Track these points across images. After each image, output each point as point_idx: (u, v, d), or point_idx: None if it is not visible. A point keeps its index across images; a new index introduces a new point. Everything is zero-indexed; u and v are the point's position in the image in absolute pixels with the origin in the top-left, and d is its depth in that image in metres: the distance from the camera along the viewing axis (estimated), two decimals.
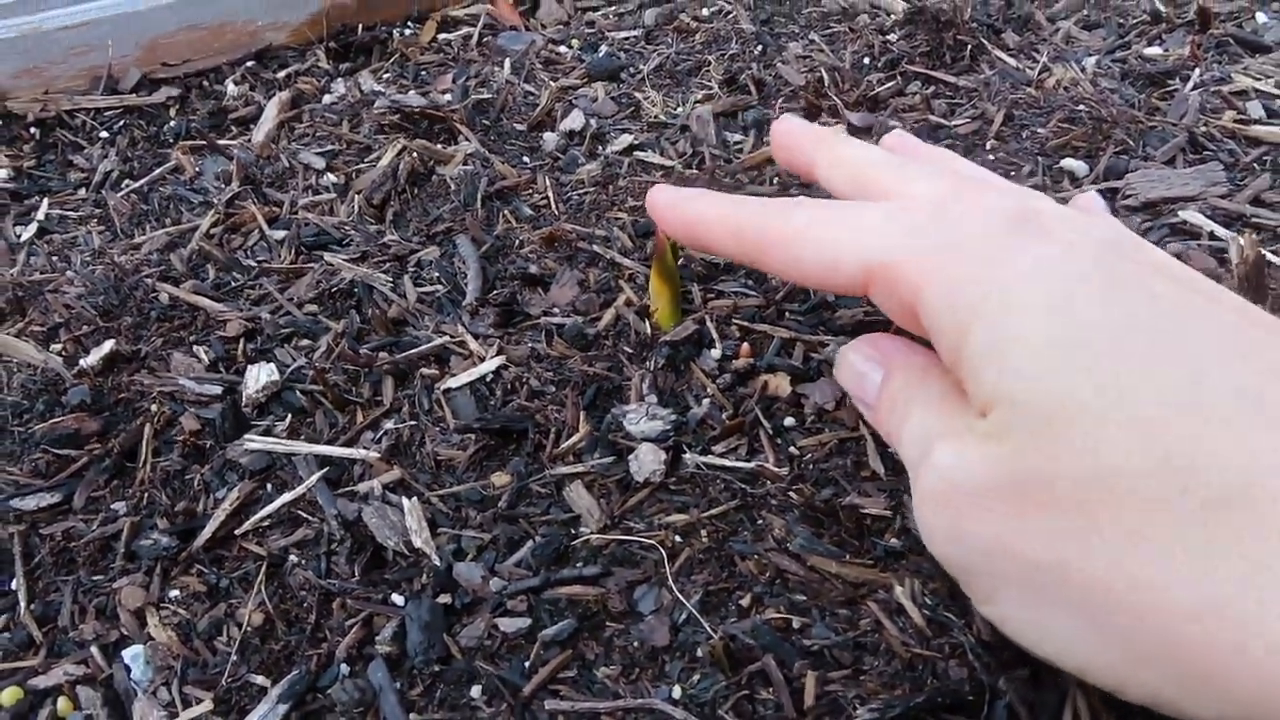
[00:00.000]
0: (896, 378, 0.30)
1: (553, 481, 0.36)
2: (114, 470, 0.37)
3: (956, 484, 0.25)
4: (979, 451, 0.24)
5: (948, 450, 0.25)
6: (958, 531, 0.25)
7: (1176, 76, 0.56)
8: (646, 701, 0.29)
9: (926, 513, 0.26)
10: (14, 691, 0.31)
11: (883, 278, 0.28)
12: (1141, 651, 0.22)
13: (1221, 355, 0.22)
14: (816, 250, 0.30)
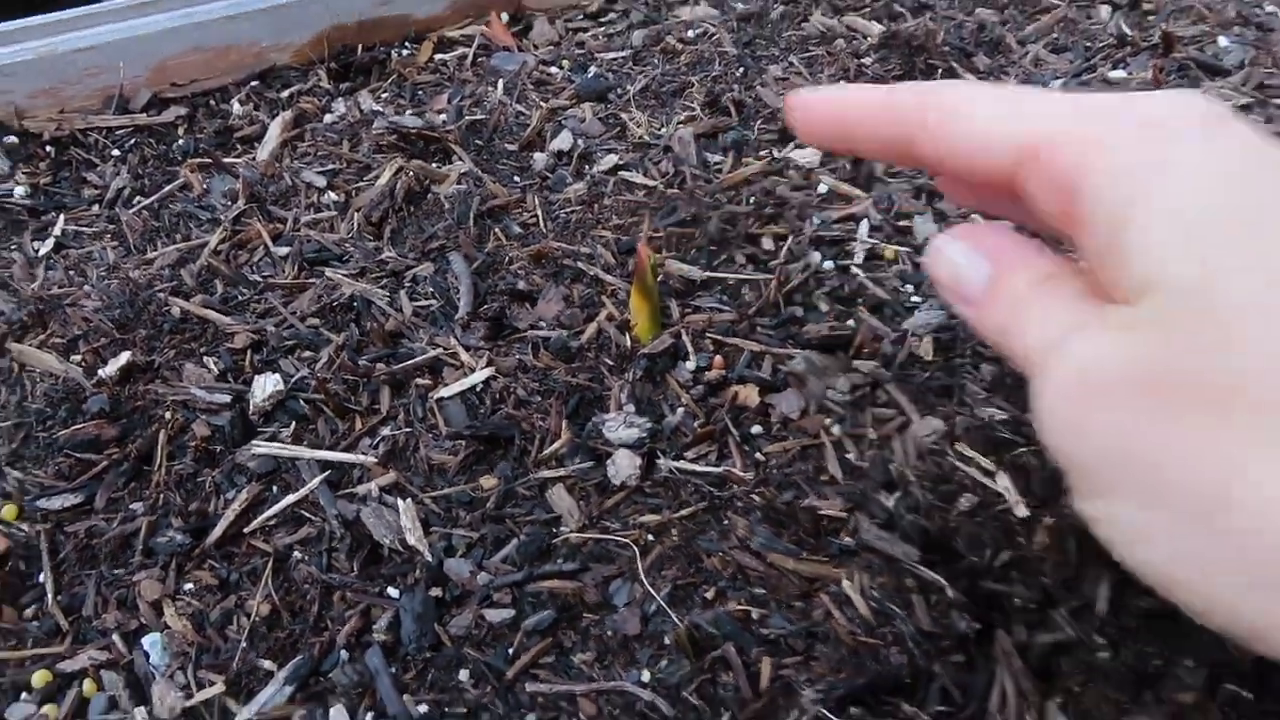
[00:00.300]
0: (1019, 273, 0.28)
1: (536, 484, 0.39)
2: (132, 473, 0.40)
3: (1091, 373, 0.24)
4: (1122, 340, 0.23)
5: (1086, 339, 0.24)
6: (1084, 425, 0.24)
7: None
8: (618, 684, 0.32)
9: (1052, 403, 0.25)
10: (43, 675, 0.34)
11: (1041, 156, 0.26)
12: (1260, 576, 0.21)
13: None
14: (970, 125, 0.27)
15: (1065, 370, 0.24)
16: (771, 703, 0.31)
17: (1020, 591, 0.33)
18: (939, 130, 0.28)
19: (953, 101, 0.28)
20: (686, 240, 0.49)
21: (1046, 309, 0.26)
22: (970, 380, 0.41)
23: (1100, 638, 0.31)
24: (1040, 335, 0.26)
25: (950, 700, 0.30)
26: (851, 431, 0.39)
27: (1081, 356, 0.24)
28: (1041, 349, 0.26)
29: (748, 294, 0.46)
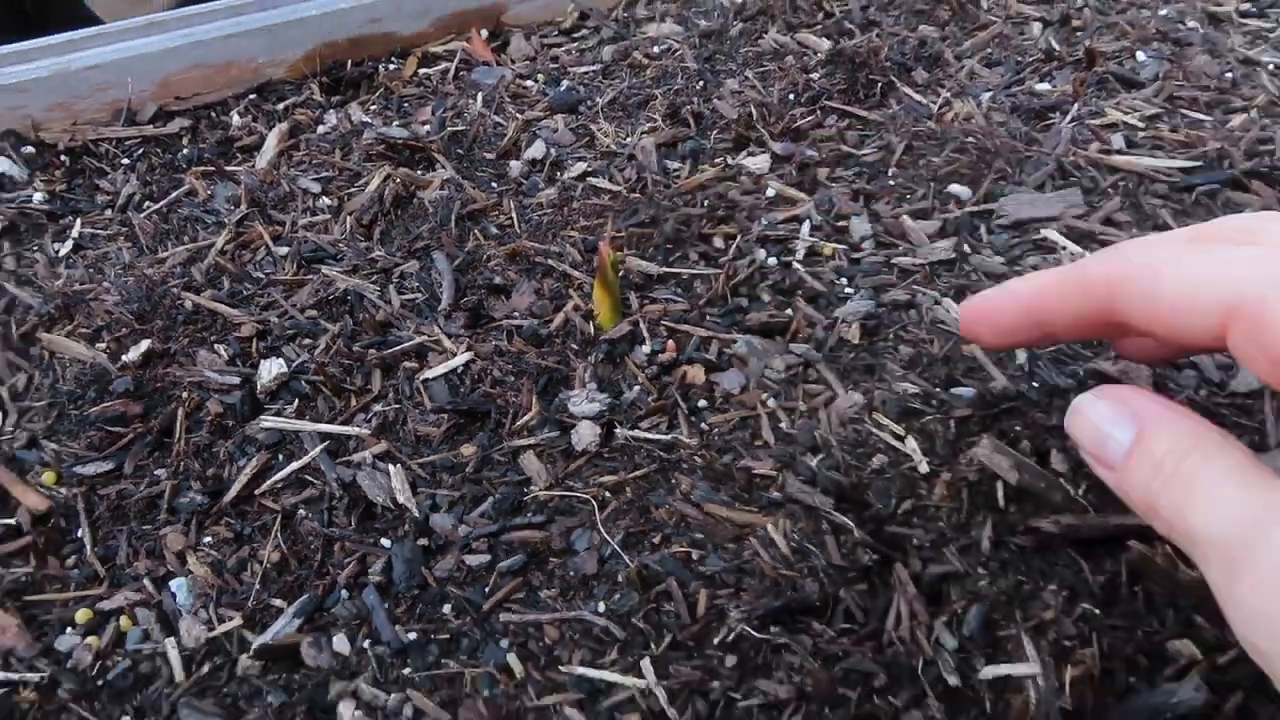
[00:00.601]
0: (1163, 438, 0.27)
1: (510, 452, 0.44)
2: (155, 444, 0.45)
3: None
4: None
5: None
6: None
7: (1058, 110, 0.65)
8: (578, 614, 0.38)
9: (1260, 603, 0.24)
10: (85, 612, 0.40)
11: (1250, 315, 0.25)
12: None
13: None
14: (1175, 285, 0.27)
15: (1272, 564, 0.23)
16: (706, 625, 0.37)
17: (919, 534, 0.39)
18: (1143, 294, 0.28)
19: (1152, 263, 0.28)
20: (646, 239, 0.55)
21: (1218, 488, 0.25)
22: (890, 360, 0.47)
23: (983, 570, 0.37)
24: (1223, 523, 0.25)
25: (854, 620, 0.36)
26: (784, 404, 0.45)
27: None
28: (1227, 538, 0.25)
29: (699, 287, 0.52)
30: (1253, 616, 0.24)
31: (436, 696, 0.36)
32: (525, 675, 0.37)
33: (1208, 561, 0.26)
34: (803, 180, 0.60)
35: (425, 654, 0.38)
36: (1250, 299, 0.25)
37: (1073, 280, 0.30)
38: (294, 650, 0.38)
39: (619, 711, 0.35)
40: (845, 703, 0.34)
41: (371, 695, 0.36)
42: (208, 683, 0.38)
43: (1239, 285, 0.26)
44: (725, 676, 0.36)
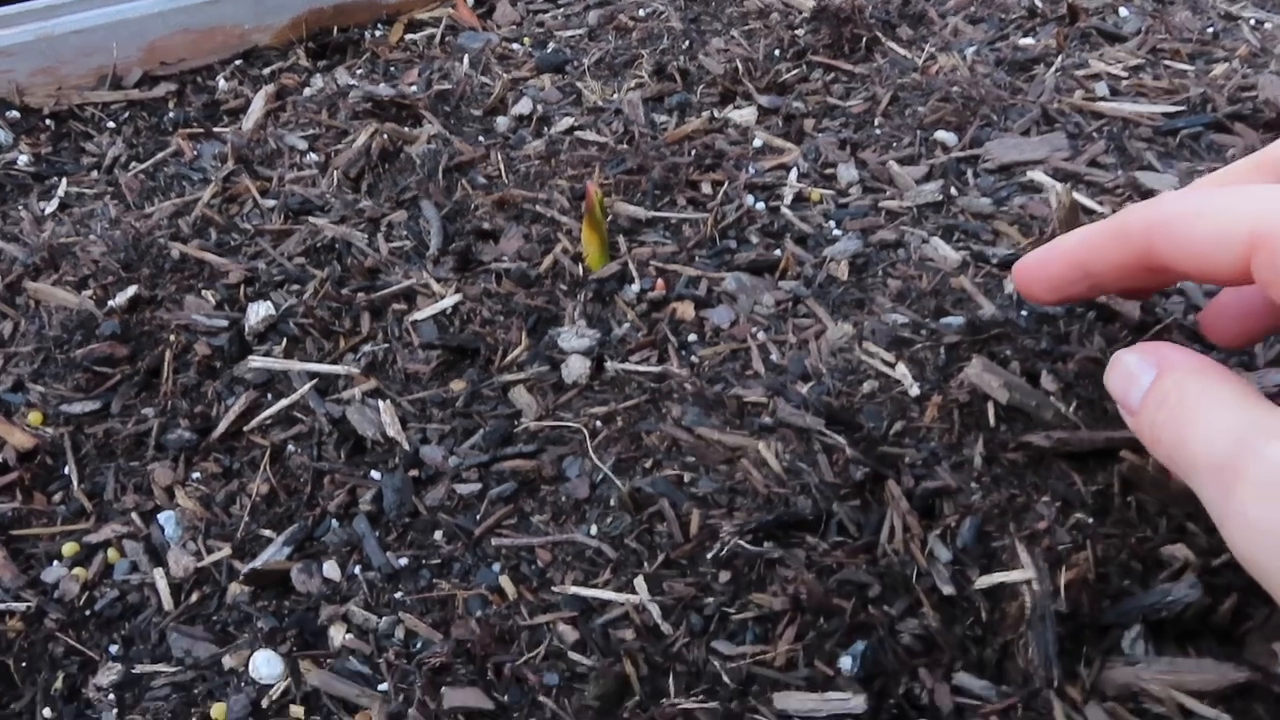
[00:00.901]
0: (1169, 376, 0.29)
1: (499, 386, 0.44)
2: (142, 385, 0.45)
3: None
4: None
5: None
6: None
7: (1041, 62, 0.65)
8: (570, 536, 0.38)
9: (1253, 510, 0.24)
10: (72, 546, 0.39)
11: (1267, 245, 0.26)
12: None
13: None
14: (1205, 223, 0.28)
15: (1261, 475, 0.24)
16: (699, 544, 0.37)
17: (910, 452, 0.39)
18: (1178, 236, 0.29)
19: (1183, 209, 0.29)
20: (634, 186, 0.55)
21: (1214, 413, 0.26)
22: (880, 294, 0.47)
23: (975, 485, 0.37)
24: (1216, 443, 0.26)
25: (847, 533, 0.36)
26: (774, 337, 0.45)
27: (1278, 459, 0.24)
28: (1221, 456, 0.25)
29: (688, 230, 0.52)
30: (1247, 529, 0.25)
31: (428, 618, 0.36)
32: (518, 596, 0.36)
33: (1204, 483, 0.26)
34: (789, 131, 0.60)
35: (416, 578, 0.37)
36: (1266, 228, 0.26)
37: (1113, 230, 0.32)
38: (284, 576, 0.38)
39: (613, 627, 0.35)
40: (840, 612, 0.34)
41: (363, 618, 0.36)
42: (197, 610, 0.37)
43: (1258, 217, 0.27)
44: (719, 591, 0.35)
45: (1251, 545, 0.25)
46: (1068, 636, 0.33)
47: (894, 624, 0.34)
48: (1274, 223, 0.26)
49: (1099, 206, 0.52)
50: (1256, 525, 0.24)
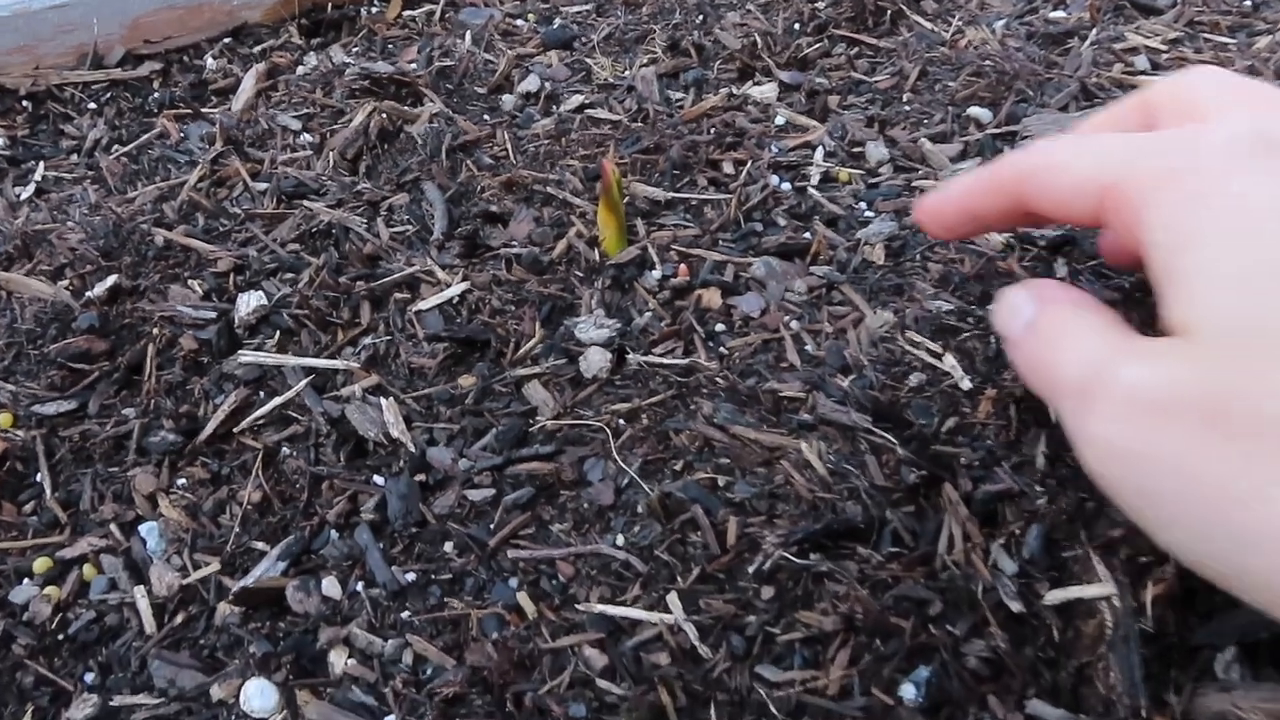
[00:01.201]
0: (1047, 309, 0.30)
1: (512, 381, 0.41)
2: (122, 382, 0.42)
3: (1145, 397, 0.24)
4: (1175, 365, 0.23)
5: (1135, 363, 0.24)
6: (1140, 449, 0.24)
7: (1075, 36, 0.62)
8: (595, 547, 0.34)
9: (1102, 429, 0.25)
10: (44, 561, 0.36)
11: (1112, 198, 0.27)
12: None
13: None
14: (1065, 177, 0.29)
15: (1113, 395, 0.25)
16: (738, 555, 0.33)
17: (966, 452, 0.35)
18: (1045, 186, 0.30)
19: (1047, 161, 0.30)
20: (651, 166, 0.51)
21: (1079, 339, 0.27)
22: (920, 279, 0.43)
23: (1040, 488, 0.34)
24: (1077, 366, 0.26)
25: (902, 543, 0.33)
26: (809, 326, 0.41)
27: (1130, 380, 0.24)
28: (1081, 379, 0.26)
29: (710, 212, 0.48)
30: (1099, 446, 0.25)
31: (439, 641, 0.33)
32: (538, 615, 0.33)
33: (1064, 407, 0.27)
34: (813, 108, 0.57)
35: (425, 595, 0.34)
36: (1110, 180, 0.28)
37: (990, 179, 0.33)
38: (278, 595, 0.34)
39: (645, 651, 0.32)
40: (898, 633, 0.31)
41: (366, 641, 0.33)
42: (182, 633, 0.34)
43: (1106, 170, 0.28)
44: (762, 609, 0.32)
45: (1101, 465, 0.26)
46: (1154, 659, 0.30)
47: (958, 645, 0.31)
48: (1120, 175, 0.27)
49: None
50: (1106, 445, 0.25)
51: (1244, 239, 0.23)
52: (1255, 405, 0.22)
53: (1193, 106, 0.30)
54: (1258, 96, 0.29)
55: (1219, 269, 0.23)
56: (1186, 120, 0.30)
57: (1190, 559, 0.25)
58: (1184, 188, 0.25)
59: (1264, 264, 0.23)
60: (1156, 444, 0.24)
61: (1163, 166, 0.26)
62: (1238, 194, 0.24)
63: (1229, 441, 0.22)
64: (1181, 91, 0.31)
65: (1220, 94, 0.29)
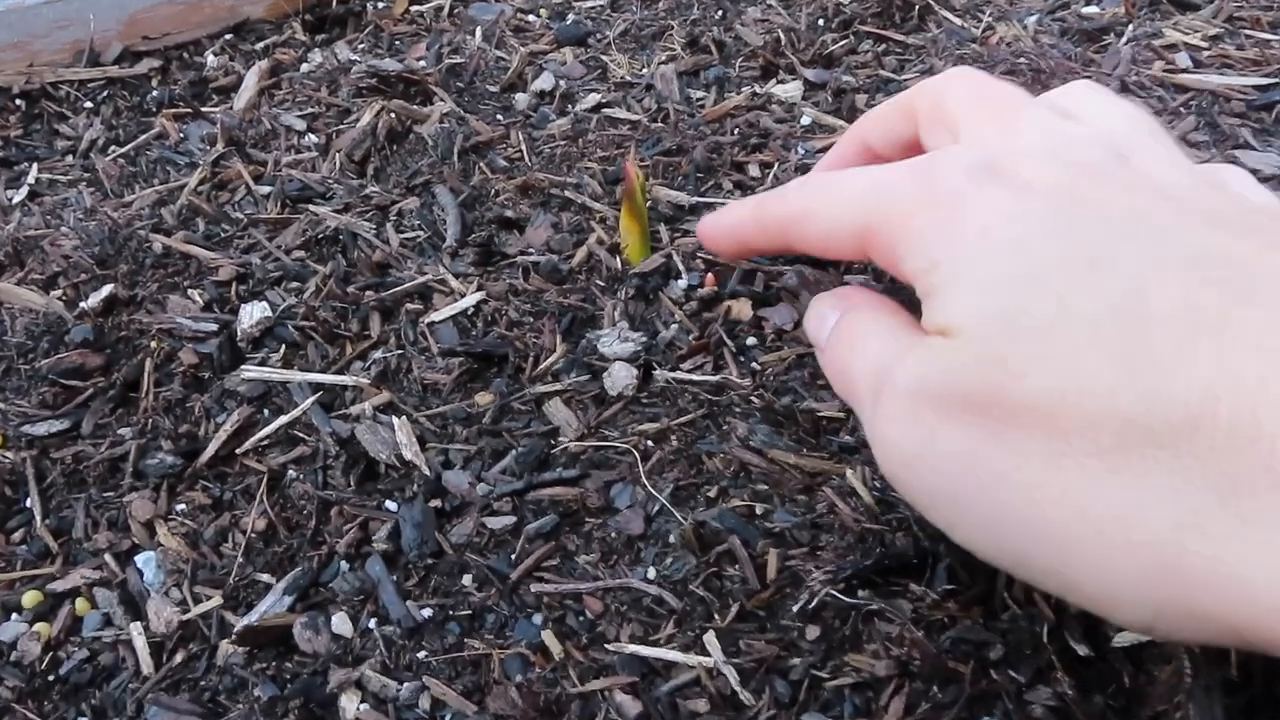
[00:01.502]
0: (847, 316, 0.31)
1: (532, 399, 0.38)
2: (118, 400, 0.39)
3: (923, 392, 0.25)
4: (945, 360, 0.25)
5: (912, 362, 0.26)
6: (923, 447, 0.25)
7: (1111, 32, 0.59)
8: (624, 581, 0.32)
9: (888, 430, 0.26)
10: (34, 595, 0.33)
11: (869, 240, 0.29)
12: (1120, 578, 0.22)
13: (1163, 269, 0.22)
14: (818, 225, 0.31)
15: (896, 393, 0.26)
16: (779, 591, 0.31)
17: None
18: (805, 234, 0.31)
19: (798, 209, 0.32)
20: (674, 169, 0.49)
21: (871, 343, 0.28)
22: None
23: None
24: (871, 368, 0.28)
25: (958, 580, 0.30)
26: None
27: (913, 377, 0.25)
28: (873, 381, 0.27)
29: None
30: (887, 446, 0.26)
31: (459, 684, 0.30)
32: (565, 656, 0.31)
33: (861, 412, 0.28)
34: (840, 107, 0.54)
35: (443, 633, 0.32)
36: (862, 224, 0.29)
37: (756, 220, 0.34)
38: (285, 633, 0.32)
39: (681, 696, 0.29)
40: (957, 679, 0.28)
41: (380, 685, 0.30)
42: (182, 674, 0.31)
43: (859, 213, 0.29)
44: (807, 651, 0.30)
45: (890, 465, 0.26)
46: (1238, 710, 0.27)
47: (1021, 692, 0.28)
48: (871, 217, 0.28)
49: None
50: (894, 445, 0.26)
51: (984, 254, 0.25)
52: (1016, 393, 0.23)
53: (946, 116, 0.31)
54: (1002, 106, 0.31)
55: (969, 279, 0.25)
56: (942, 130, 0.32)
57: (986, 555, 0.25)
58: (928, 219, 0.27)
59: (1004, 272, 0.24)
60: (937, 440, 0.25)
61: (906, 205, 0.28)
62: (973, 217, 0.26)
63: (1000, 432, 0.23)
64: (939, 100, 0.32)
65: (970, 107, 0.31)
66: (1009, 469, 0.23)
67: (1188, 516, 0.20)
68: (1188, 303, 0.21)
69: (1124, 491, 0.21)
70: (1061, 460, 0.22)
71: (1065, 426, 0.22)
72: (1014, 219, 0.25)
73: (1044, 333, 0.23)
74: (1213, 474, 0.20)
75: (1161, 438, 0.20)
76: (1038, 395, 0.22)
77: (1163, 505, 0.21)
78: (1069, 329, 0.22)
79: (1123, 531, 0.21)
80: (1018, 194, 0.26)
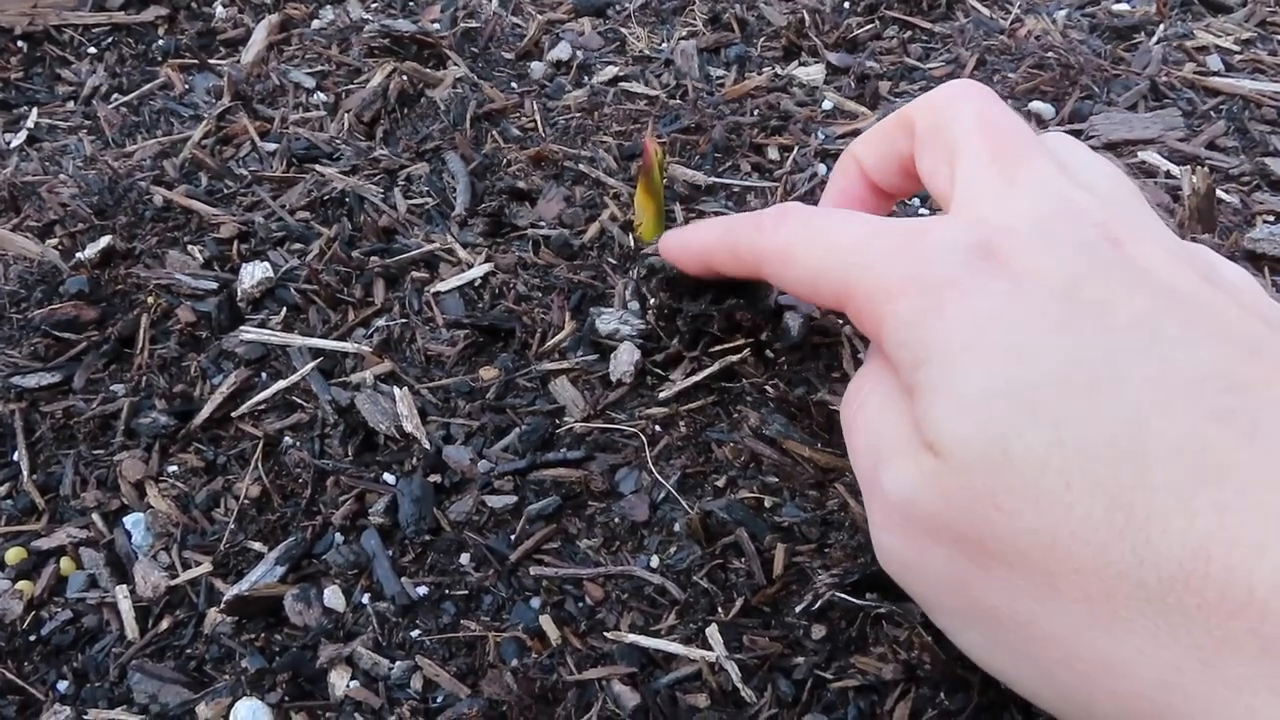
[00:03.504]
0: (860, 388, 0.29)
1: (538, 377, 0.37)
2: (112, 355, 0.38)
3: (913, 514, 0.24)
4: (934, 487, 0.23)
5: (902, 475, 0.24)
6: (916, 559, 0.25)
7: (1142, 31, 0.58)
8: (626, 569, 0.31)
9: (881, 537, 0.26)
10: (17, 552, 0.32)
11: (851, 303, 0.27)
12: (1102, 714, 0.22)
13: (1167, 397, 0.21)
14: (797, 271, 0.29)
15: (884, 503, 0.25)
16: (785, 588, 0.30)
17: None
18: (781, 274, 0.30)
19: (779, 247, 0.30)
20: (691, 147, 0.48)
21: (874, 413, 0.27)
22: None
23: None
24: (865, 444, 0.27)
25: None
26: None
27: (902, 491, 0.24)
28: (866, 464, 0.26)
29: (753, 200, 0.45)
30: (880, 548, 0.26)
31: (452, 665, 0.29)
32: (562, 641, 0.30)
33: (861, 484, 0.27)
34: (863, 93, 0.53)
35: (438, 613, 0.31)
36: (844, 284, 0.27)
37: (728, 248, 0.32)
38: (275, 604, 0.31)
39: (681, 690, 0.28)
40: (966, 687, 0.28)
41: (371, 662, 0.29)
42: (167, 641, 0.30)
43: (840, 270, 0.27)
44: (811, 650, 0.29)
45: (887, 566, 0.26)
46: None
47: (1030, 706, 0.27)
48: (854, 280, 0.27)
49: (1226, 195, 0.45)
50: (887, 550, 0.26)
51: (974, 362, 0.23)
52: (1005, 534, 0.22)
53: (945, 141, 0.30)
54: (1004, 147, 0.28)
55: (958, 392, 0.23)
56: (939, 154, 0.30)
57: (981, 663, 0.25)
58: (916, 306, 0.25)
59: (995, 388, 0.22)
60: (928, 558, 0.24)
61: (894, 283, 0.26)
62: (963, 315, 0.24)
63: (989, 566, 0.23)
64: (940, 120, 0.30)
65: (971, 139, 0.29)
66: (999, 603, 0.23)
67: (1172, 675, 0.20)
68: (1190, 441, 0.20)
69: (1111, 642, 0.21)
70: (1049, 603, 0.21)
71: (1054, 570, 0.21)
72: (1009, 323, 0.23)
73: (1037, 468, 0.21)
74: (1198, 633, 0.19)
75: (1151, 592, 0.20)
76: (1027, 538, 0.21)
77: (1148, 660, 0.20)
78: (1063, 466, 0.21)
79: (1108, 680, 0.21)
80: (1014, 288, 0.24)
